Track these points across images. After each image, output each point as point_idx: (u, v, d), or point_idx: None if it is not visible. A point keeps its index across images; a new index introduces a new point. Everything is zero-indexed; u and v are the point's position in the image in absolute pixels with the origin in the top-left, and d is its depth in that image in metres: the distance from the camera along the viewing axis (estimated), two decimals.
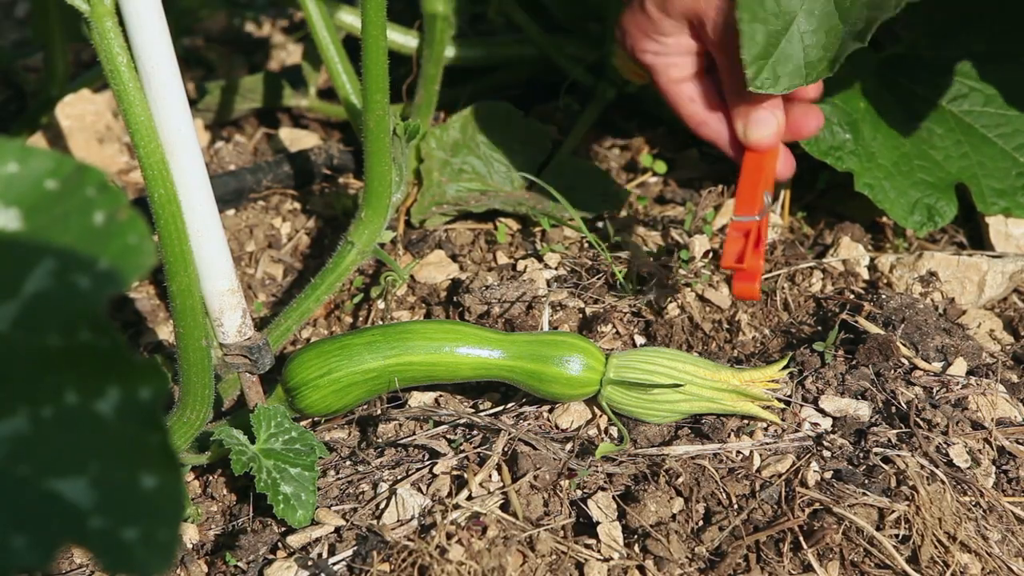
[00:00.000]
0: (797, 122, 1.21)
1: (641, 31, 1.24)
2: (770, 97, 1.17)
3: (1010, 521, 1.02)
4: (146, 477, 0.52)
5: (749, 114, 1.19)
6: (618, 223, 1.45)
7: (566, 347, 1.12)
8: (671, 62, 1.24)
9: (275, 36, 2.11)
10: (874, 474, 1.03)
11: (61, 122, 1.68)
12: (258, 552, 1.04)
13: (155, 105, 0.96)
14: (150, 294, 1.45)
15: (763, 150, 1.19)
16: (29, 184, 0.55)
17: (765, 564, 0.97)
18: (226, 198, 1.55)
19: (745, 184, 1.16)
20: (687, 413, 1.11)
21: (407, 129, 1.24)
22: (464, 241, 1.45)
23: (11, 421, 0.52)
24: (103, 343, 0.52)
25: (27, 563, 0.49)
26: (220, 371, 1.11)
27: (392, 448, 1.13)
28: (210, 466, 1.14)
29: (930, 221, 1.36)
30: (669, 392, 1.09)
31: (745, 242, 1.08)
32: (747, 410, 1.09)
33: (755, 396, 1.09)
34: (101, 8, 0.90)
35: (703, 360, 1.11)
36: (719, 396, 1.09)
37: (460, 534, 0.96)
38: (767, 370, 1.10)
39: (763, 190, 1.13)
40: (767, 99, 1.17)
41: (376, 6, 1.12)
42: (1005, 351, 1.26)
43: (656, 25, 1.22)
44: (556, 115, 1.67)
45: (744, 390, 1.08)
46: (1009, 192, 1.39)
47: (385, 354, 1.12)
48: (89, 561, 1.05)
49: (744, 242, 1.08)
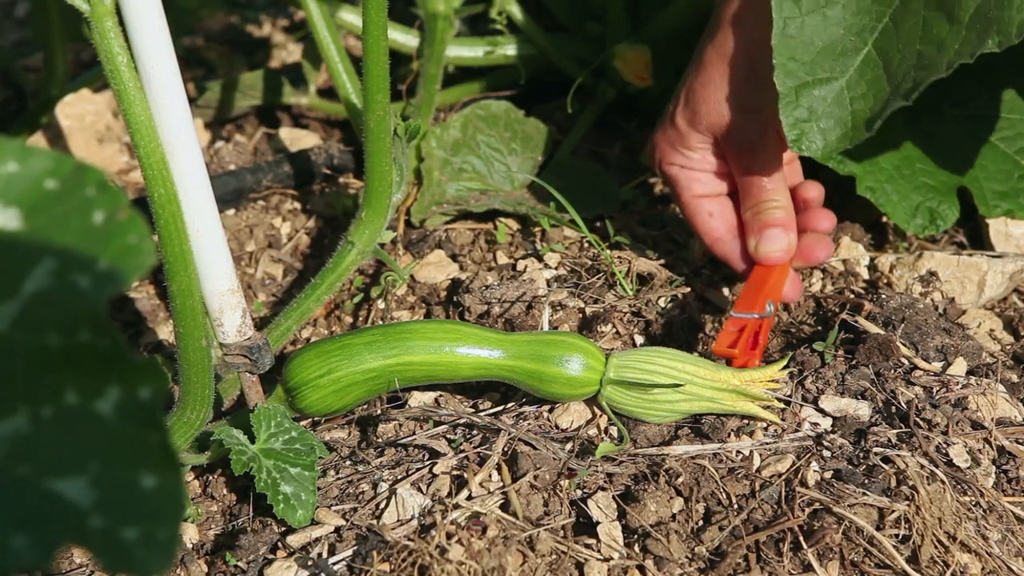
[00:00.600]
0: (808, 248, 1.25)
1: (670, 144, 1.27)
2: (787, 221, 1.21)
3: (1010, 521, 1.02)
4: (146, 477, 0.52)
5: (763, 230, 1.22)
6: (618, 223, 1.45)
7: (566, 347, 1.12)
8: (695, 176, 1.27)
9: (275, 36, 2.11)
10: (874, 474, 1.03)
11: (61, 122, 1.68)
12: (258, 552, 1.04)
13: (155, 105, 0.96)
14: (150, 294, 1.45)
15: (772, 265, 1.21)
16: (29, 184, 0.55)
17: (765, 564, 0.97)
18: (226, 198, 1.55)
19: (749, 287, 1.18)
20: (687, 413, 1.11)
21: (408, 129, 1.24)
22: (464, 241, 1.45)
23: (11, 421, 0.52)
24: (103, 343, 0.52)
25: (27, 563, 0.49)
26: (220, 371, 1.11)
27: (392, 448, 1.13)
28: (210, 466, 1.14)
29: (932, 224, 1.36)
30: (669, 392, 1.09)
31: (739, 336, 1.09)
32: (747, 410, 1.09)
33: (755, 396, 1.09)
34: (101, 8, 0.90)
35: (703, 360, 1.11)
36: (719, 396, 1.09)
37: (460, 534, 0.96)
38: (767, 370, 1.10)
39: (766, 298, 1.14)
40: (782, 220, 1.21)
41: (377, 6, 1.12)
42: (1005, 351, 1.26)
43: (684, 139, 1.25)
44: (556, 115, 1.67)
45: (744, 390, 1.08)
46: (1011, 194, 1.39)
47: (385, 354, 1.12)
48: (89, 561, 1.05)
49: (738, 336, 1.09)
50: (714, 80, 1.22)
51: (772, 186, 1.22)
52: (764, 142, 1.21)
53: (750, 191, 1.23)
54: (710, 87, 1.22)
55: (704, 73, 1.23)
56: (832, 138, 1.09)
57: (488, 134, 1.52)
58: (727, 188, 1.28)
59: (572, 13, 1.70)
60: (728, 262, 1.27)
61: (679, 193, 1.28)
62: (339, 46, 1.52)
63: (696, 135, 1.24)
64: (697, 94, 1.23)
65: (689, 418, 1.12)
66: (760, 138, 1.20)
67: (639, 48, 1.58)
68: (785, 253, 1.22)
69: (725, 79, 1.21)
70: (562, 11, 1.71)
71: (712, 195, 1.27)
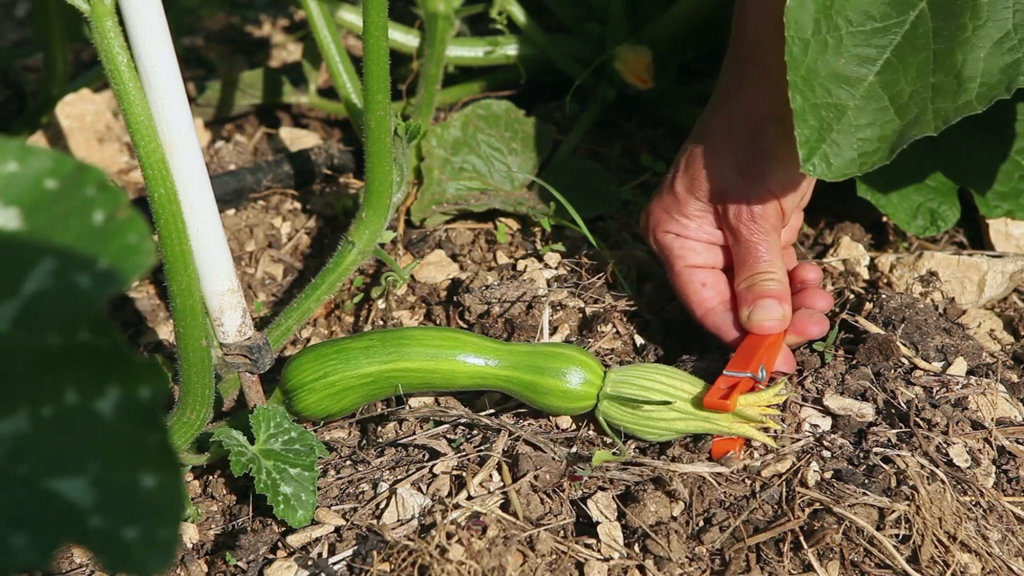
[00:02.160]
0: (803, 323, 1.19)
1: (666, 211, 1.24)
2: (782, 293, 1.18)
3: (1010, 521, 1.02)
4: (146, 477, 0.52)
5: (757, 300, 1.18)
6: (618, 223, 1.45)
7: (564, 359, 1.11)
8: (690, 246, 1.23)
9: (275, 35, 2.11)
10: (874, 474, 1.03)
11: (61, 122, 1.68)
12: (258, 552, 1.04)
13: (155, 105, 0.96)
14: (150, 294, 1.45)
15: (762, 334, 1.17)
16: (29, 183, 0.55)
17: (765, 564, 0.97)
18: (226, 198, 1.55)
19: (744, 350, 1.14)
20: (683, 432, 1.09)
21: (408, 129, 1.24)
22: (464, 241, 1.45)
23: (11, 421, 0.52)
24: (103, 343, 0.52)
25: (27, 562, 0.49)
26: (220, 371, 1.11)
27: (392, 448, 1.13)
28: (210, 466, 1.14)
29: (933, 225, 1.36)
30: (664, 410, 1.07)
31: (729, 392, 1.07)
32: (743, 432, 1.07)
33: (751, 418, 1.07)
34: (101, 8, 0.90)
35: (701, 381, 1.11)
36: (715, 417, 1.07)
37: (460, 534, 0.96)
38: (763, 395, 1.09)
39: (759, 362, 1.12)
40: (777, 292, 1.18)
41: (377, 6, 1.12)
42: (1005, 351, 1.26)
43: (682, 206, 1.23)
44: (556, 115, 1.67)
45: (740, 412, 1.07)
46: (1012, 195, 1.39)
47: (382, 359, 1.12)
48: (89, 560, 1.05)
49: (728, 392, 1.07)
50: (716, 148, 1.20)
51: (769, 257, 1.19)
52: (764, 212, 1.18)
53: (746, 262, 1.20)
54: (711, 155, 1.20)
55: (707, 141, 1.21)
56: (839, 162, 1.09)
57: (488, 134, 1.52)
58: (722, 263, 1.24)
59: (572, 13, 1.70)
60: (718, 333, 1.22)
61: (672, 263, 1.24)
62: (339, 46, 1.52)
63: (694, 202, 1.22)
64: (698, 161, 1.21)
65: (687, 438, 1.10)
66: (760, 207, 1.18)
67: (640, 49, 1.58)
68: (779, 323, 1.17)
69: (728, 147, 1.20)
70: (562, 11, 1.71)
71: (706, 266, 1.24)
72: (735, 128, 1.20)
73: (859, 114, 1.08)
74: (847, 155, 1.08)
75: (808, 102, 1.06)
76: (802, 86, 1.06)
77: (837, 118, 1.07)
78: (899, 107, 1.08)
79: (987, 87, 1.05)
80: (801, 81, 1.06)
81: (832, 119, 1.07)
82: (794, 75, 1.06)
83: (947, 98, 1.07)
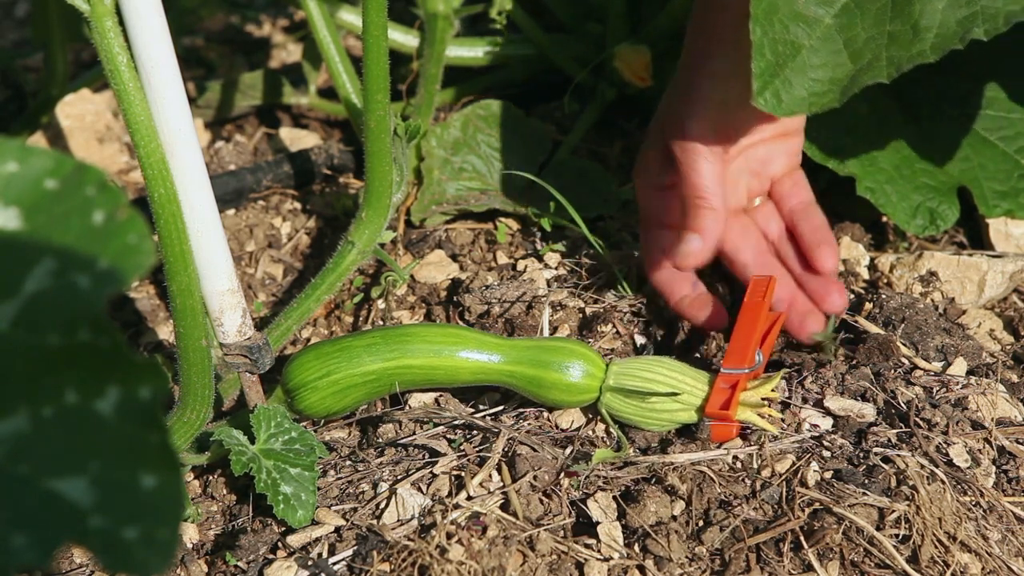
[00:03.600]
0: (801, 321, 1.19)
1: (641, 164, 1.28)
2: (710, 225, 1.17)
3: (1010, 521, 1.02)
4: (146, 477, 0.52)
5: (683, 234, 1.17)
6: (618, 223, 1.45)
7: (566, 353, 1.12)
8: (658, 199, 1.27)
9: (275, 36, 2.11)
10: (874, 474, 1.03)
11: (61, 122, 1.68)
12: (258, 552, 1.04)
13: (155, 105, 0.96)
14: (150, 294, 1.45)
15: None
16: (29, 183, 0.55)
17: (765, 564, 0.97)
18: (226, 198, 1.55)
19: (737, 337, 1.14)
20: (685, 422, 1.10)
21: (408, 129, 1.24)
22: (464, 241, 1.45)
23: (11, 421, 0.52)
24: (103, 342, 0.52)
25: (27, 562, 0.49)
26: (220, 371, 1.11)
27: (392, 448, 1.13)
28: (210, 466, 1.14)
29: (932, 224, 1.36)
30: (667, 401, 1.08)
31: (732, 394, 1.07)
32: (744, 419, 1.08)
33: (751, 404, 1.08)
34: (101, 8, 0.90)
35: (701, 373, 1.11)
36: None
37: (460, 534, 0.96)
38: (759, 389, 1.09)
39: (755, 347, 1.12)
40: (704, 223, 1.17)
41: (377, 6, 1.12)
42: (1005, 351, 1.26)
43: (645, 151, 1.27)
44: (556, 115, 1.67)
45: (740, 400, 1.07)
46: (1011, 194, 1.39)
47: (385, 357, 1.12)
48: (89, 560, 1.05)
49: (731, 394, 1.08)
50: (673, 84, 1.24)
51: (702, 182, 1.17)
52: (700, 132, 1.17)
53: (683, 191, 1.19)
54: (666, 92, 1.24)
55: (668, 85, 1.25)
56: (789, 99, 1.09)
57: (488, 133, 1.52)
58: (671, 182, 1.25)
59: (572, 13, 1.70)
60: (662, 292, 1.24)
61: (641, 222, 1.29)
62: (339, 46, 1.52)
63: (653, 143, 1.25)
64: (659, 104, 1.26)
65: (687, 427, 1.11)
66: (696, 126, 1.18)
67: (639, 48, 1.58)
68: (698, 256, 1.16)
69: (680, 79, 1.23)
70: (562, 11, 1.71)
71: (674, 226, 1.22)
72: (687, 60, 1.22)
73: (813, 54, 1.08)
74: (798, 93, 1.08)
75: (767, 36, 1.07)
76: (763, 19, 1.07)
77: (792, 56, 1.08)
78: (853, 52, 1.08)
79: (942, 38, 1.07)
80: (762, 14, 1.07)
81: (787, 56, 1.08)
82: (756, 8, 1.07)
83: (902, 46, 1.07)
